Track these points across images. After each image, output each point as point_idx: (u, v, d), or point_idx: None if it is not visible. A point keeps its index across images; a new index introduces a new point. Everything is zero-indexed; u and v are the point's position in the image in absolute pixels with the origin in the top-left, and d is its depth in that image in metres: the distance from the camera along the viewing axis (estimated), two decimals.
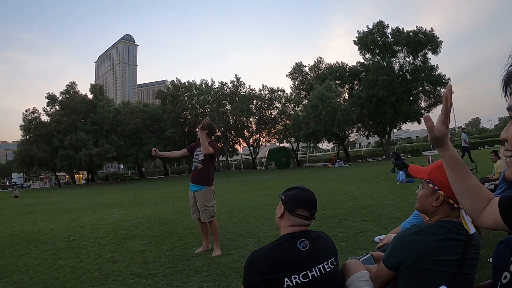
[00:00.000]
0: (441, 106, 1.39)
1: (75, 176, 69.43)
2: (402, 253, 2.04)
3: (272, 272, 2.04)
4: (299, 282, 2.05)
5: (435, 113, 49.97)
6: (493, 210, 1.35)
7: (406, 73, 48.28)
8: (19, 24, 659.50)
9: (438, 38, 45.85)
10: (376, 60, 48.41)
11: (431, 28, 46.45)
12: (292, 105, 55.97)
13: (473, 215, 1.43)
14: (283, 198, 2.36)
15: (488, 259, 3.89)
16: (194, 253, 6.05)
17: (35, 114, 53.84)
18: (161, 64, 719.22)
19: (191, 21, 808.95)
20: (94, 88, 57.31)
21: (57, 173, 62.67)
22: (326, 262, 2.18)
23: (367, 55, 49.72)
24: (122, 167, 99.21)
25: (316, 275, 2.09)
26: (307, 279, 2.06)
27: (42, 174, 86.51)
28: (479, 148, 51.61)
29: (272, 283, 2.04)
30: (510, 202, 1.31)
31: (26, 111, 53.41)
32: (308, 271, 2.08)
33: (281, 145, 61.57)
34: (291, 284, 2.04)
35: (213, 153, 6.10)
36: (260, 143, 63.24)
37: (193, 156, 6.26)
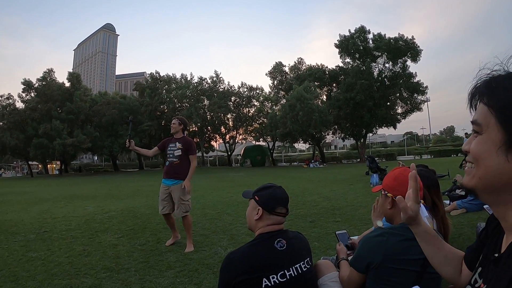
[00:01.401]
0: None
1: (48, 166, 68.24)
2: (369, 254, 2.11)
3: (250, 272, 2.04)
4: (277, 282, 2.06)
5: (411, 119, 51.07)
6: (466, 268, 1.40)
7: (385, 79, 48.85)
8: None
9: (418, 46, 46.48)
10: (356, 64, 48.87)
11: (412, 36, 47.10)
12: (270, 104, 56.14)
13: (454, 280, 1.44)
14: (257, 199, 2.32)
15: None
16: (166, 245, 6.16)
17: (10, 100, 52.48)
18: (141, 55, 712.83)
19: (174, 14, 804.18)
20: (71, 76, 56.15)
21: (30, 162, 61.40)
22: (302, 262, 2.20)
23: (347, 59, 50.13)
24: (96, 158, 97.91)
25: (293, 275, 2.11)
26: (285, 279, 2.08)
27: (15, 162, 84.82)
28: (452, 155, 52.58)
29: (250, 283, 2.05)
30: (471, 253, 1.37)
31: (1, 96, 52.13)
32: (285, 271, 2.10)
33: (257, 143, 61.72)
34: (269, 284, 2.05)
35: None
36: (236, 140, 63.26)
37: (167, 151, 6.26)
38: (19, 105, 53.35)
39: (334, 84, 53.32)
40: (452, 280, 1.45)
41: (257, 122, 57.87)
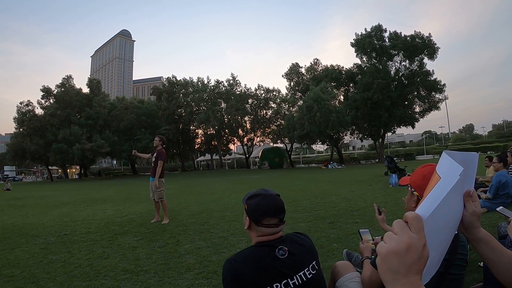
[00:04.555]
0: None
1: (68, 170, 69.17)
2: None
3: (251, 283, 1.93)
4: None
5: (429, 118, 50.81)
6: None
7: (402, 78, 48.50)
8: (14, 15, 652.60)
9: (435, 44, 46.05)
10: (372, 63, 48.59)
11: (429, 33, 46.68)
12: (287, 105, 56.08)
13: None
14: (246, 207, 2.17)
15: (479, 263, 3.93)
16: (150, 222, 8.92)
17: (30, 107, 53.52)
18: (157, 60, 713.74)
19: (189, 19, 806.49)
20: (91, 83, 57.08)
21: (50, 167, 62.37)
22: (307, 268, 2.09)
23: (364, 58, 49.88)
24: (115, 162, 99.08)
25: (297, 283, 2.00)
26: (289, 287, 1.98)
27: (35, 167, 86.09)
28: None
29: None
30: None
31: (21, 103, 53.12)
32: (289, 279, 1.98)
33: (275, 145, 61.65)
34: None
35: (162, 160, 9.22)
36: (254, 143, 63.30)
37: (152, 158, 9.38)
38: (39, 111, 54.58)
39: (351, 84, 53.12)
40: None
41: (275, 124, 57.85)
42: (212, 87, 58.12)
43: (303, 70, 57.11)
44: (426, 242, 0.78)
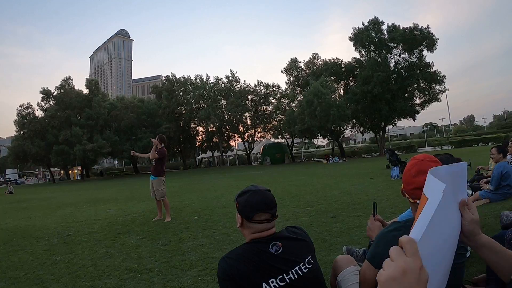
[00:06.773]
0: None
1: (70, 171, 69.14)
2: (386, 249, 2.03)
3: (247, 280, 1.95)
4: (277, 286, 1.97)
5: (430, 110, 50.77)
6: None
7: (402, 70, 48.41)
8: (11, 17, 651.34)
9: (434, 35, 45.96)
10: (371, 56, 48.49)
11: (427, 25, 46.60)
12: (287, 100, 56.08)
13: None
14: (237, 205, 2.22)
15: None
16: (152, 220, 8.95)
17: (30, 110, 53.58)
18: (156, 59, 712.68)
19: (186, 16, 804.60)
20: (89, 83, 56.91)
21: (52, 169, 62.47)
22: (302, 263, 2.09)
23: (363, 52, 49.77)
24: (116, 162, 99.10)
25: (293, 278, 2.01)
26: (285, 283, 1.98)
27: (37, 170, 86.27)
28: (473, 145, 51.86)
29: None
30: None
31: (21, 106, 53.26)
32: (284, 275, 2.00)
33: (276, 140, 61.66)
34: None
35: (160, 158, 9.18)
36: (255, 139, 63.31)
37: None
38: (39, 113, 54.58)
39: (351, 78, 53.09)
40: None
41: (275, 119, 57.85)
42: (211, 84, 58.14)
43: (302, 65, 57.04)
44: (423, 265, 0.79)
